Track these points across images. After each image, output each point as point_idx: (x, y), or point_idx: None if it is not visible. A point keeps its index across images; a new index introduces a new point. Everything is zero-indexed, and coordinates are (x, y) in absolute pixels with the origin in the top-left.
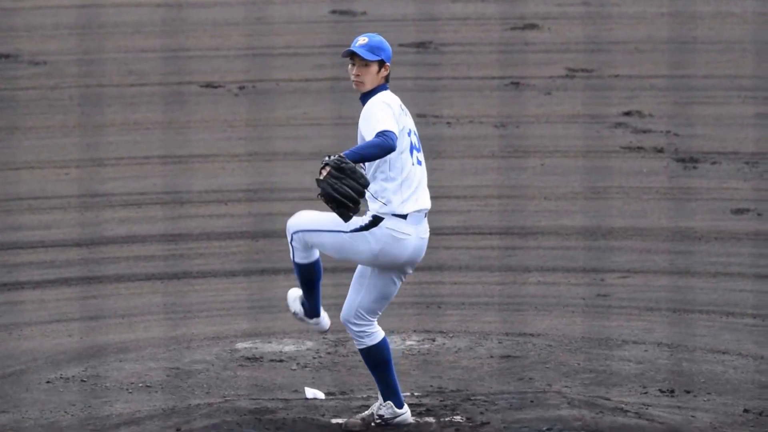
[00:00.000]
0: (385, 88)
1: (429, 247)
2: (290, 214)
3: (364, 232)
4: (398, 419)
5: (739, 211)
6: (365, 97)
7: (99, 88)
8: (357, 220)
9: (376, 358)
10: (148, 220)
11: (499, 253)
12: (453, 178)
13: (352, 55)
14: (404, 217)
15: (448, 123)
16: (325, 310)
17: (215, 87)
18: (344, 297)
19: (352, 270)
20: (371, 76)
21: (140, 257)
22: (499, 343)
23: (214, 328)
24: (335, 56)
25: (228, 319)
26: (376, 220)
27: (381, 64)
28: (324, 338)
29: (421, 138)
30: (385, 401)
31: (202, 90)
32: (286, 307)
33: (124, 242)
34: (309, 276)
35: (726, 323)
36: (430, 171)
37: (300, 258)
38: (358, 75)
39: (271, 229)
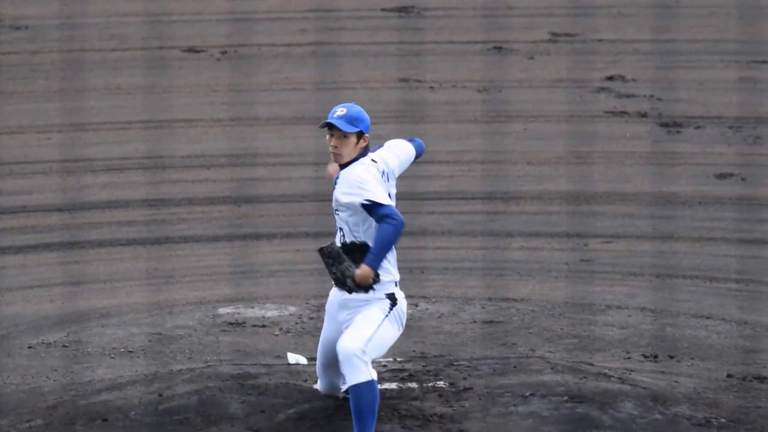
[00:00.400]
0: (365, 156)
1: (412, 212)
2: (273, 179)
3: (394, 309)
4: None
5: (722, 176)
6: (343, 167)
7: (81, 53)
8: (378, 303)
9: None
10: (130, 185)
11: (482, 218)
12: (436, 143)
13: (330, 126)
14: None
15: (431, 88)
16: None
17: (197, 52)
18: None
19: None
20: (349, 148)
21: (122, 222)
22: (482, 308)
23: (197, 293)
24: (317, 21)
25: (210, 284)
26: (392, 298)
27: (360, 135)
28: (306, 303)
29: (405, 102)
30: None
31: (184, 55)
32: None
33: (106, 207)
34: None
35: (709, 288)
36: (414, 135)
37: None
38: (336, 147)
39: (254, 194)
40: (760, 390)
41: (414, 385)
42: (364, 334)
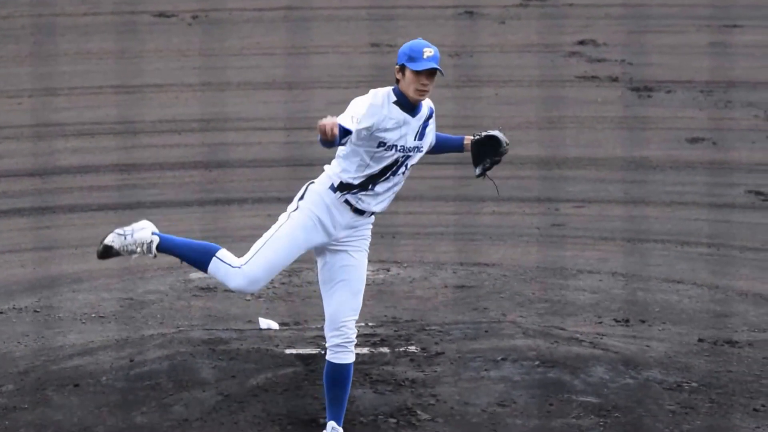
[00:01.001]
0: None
1: None
2: (244, 144)
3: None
4: None
5: (694, 140)
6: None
7: (52, 18)
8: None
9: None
10: (101, 150)
11: (453, 183)
12: None
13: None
14: None
15: None
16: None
17: (168, 16)
18: None
19: None
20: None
21: (94, 187)
22: (454, 273)
23: (168, 258)
24: None
25: None
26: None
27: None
28: None
29: (376, 67)
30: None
31: (155, 19)
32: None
33: (78, 172)
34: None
35: (681, 252)
36: None
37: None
38: (428, 85)
39: (225, 159)
40: (731, 354)
41: (386, 350)
42: (360, 305)
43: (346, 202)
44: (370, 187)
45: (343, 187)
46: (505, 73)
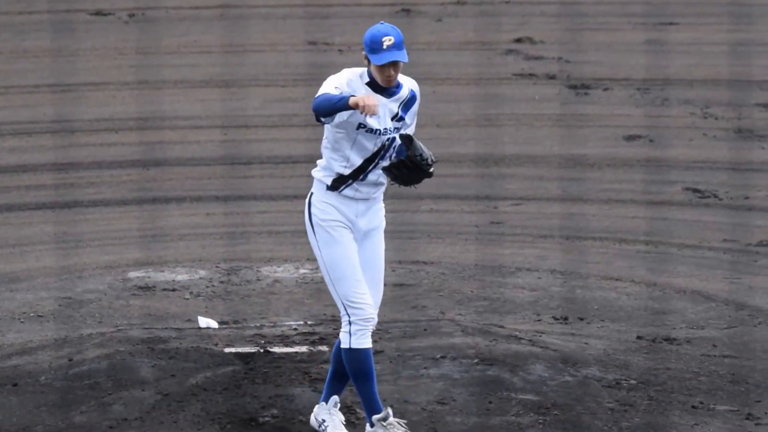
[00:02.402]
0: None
1: None
2: (181, 143)
3: None
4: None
5: (631, 138)
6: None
7: None
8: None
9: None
10: (38, 149)
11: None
12: None
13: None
14: None
15: (339, 50)
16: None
17: (105, 15)
18: None
19: None
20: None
21: (31, 186)
22: (393, 271)
23: (106, 257)
24: None
25: (120, 248)
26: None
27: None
28: (216, 267)
29: (314, 65)
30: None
31: (91, 18)
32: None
33: (15, 171)
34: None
35: (619, 250)
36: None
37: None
38: (394, 74)
39: (162, 158)
40: (669, 351)
41: (325, 348)
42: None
43: (346, 196)
44: (361, 177)
45: (336, 183)
46: (443, 70)
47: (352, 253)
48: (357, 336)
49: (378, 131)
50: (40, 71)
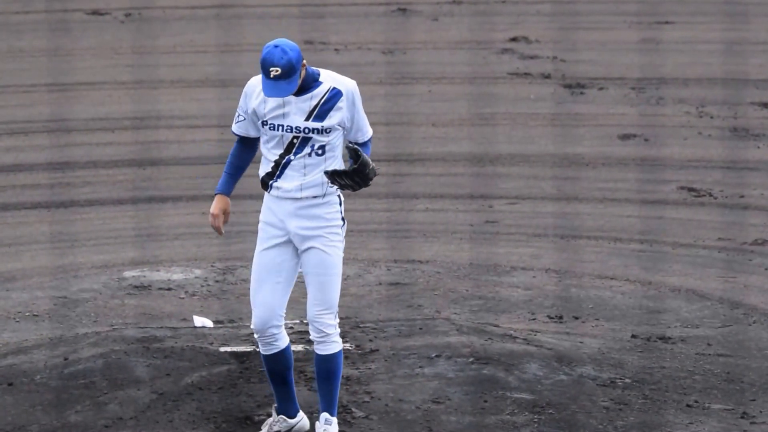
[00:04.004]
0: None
1: None
2: (177, 142)
3: (344, 229)
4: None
5: (625, 137)
6: (306, 80)
7: None
8: (333, 210)
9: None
10: (34, 149)
11: (386, 179)
12: None
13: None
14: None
15: (335, 50)
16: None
17: (101, 14)
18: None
19: None
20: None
21: (26, 186)
22: (388, 270)
23: (102, 256)
24: None
25: (115, 247)
26: (340, 199)
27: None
28: (212, 266)
29: (310, 65)
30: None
31: (87, 17)
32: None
33: (11, 170)
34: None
35: (613, 249)
36: None
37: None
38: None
39: (158, 157)
40: (664, 350)
41: None
42: (333, 299)
43: (272, 195)
44: (277, 173)
45: (266, 180)
46: (438, 70)
47: (265, 258)
48: (258, 342)
49: (279, 127)
50: (36, 70)
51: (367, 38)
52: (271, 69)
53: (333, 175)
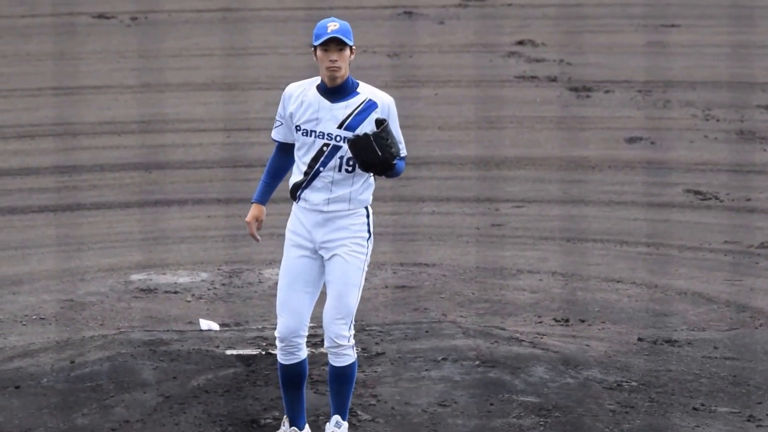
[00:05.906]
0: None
1: None
2: (183, 145)
3: (370, 241)
4: None
5: (632, 140)
6: (345, 87)
7: None
8: (358, 222)
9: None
10: (40, 152)
11: (393, 183)
12: None
13: (329, 42)
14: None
15: None
16: None
17: (107, 18)
18: None
19: None
20: (347, 63)
21: (33, 189)
22: (394, 273)
23: (108, 259)
24: None
25: (122, 250)
26: (368, 211)
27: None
28: (218, 269)
29: (315, 68)
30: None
31: (94, 21)
32: None
33: (17, 174)
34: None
35: (620, 252)
36: None
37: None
38: (336, 61)
39: (164, 160)
40: (670, 353)
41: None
42: (349, 309)
43: (301, 206)
44: (305, 184)
45: (295, 189)
46: (444, 73)
47: (293, 267)
48: (278, 350)
49: (311, 133)
50: (43, 74)
51: (374, 41)
52: (330, 24)
53: (354, 140)
